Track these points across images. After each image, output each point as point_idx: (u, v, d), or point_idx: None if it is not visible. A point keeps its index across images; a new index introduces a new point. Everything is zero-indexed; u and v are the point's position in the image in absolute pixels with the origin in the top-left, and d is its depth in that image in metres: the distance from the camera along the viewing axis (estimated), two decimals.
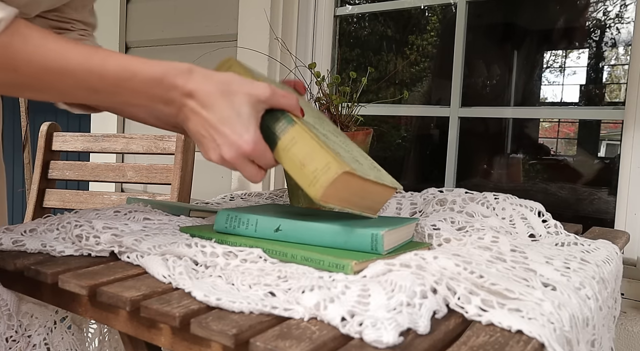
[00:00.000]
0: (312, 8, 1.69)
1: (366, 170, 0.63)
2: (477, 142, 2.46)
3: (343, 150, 0.64)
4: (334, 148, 0.60)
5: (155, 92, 0.58)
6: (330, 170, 0.57)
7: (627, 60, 2.46)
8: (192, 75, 0.58)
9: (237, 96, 0.57)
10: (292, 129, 0.61)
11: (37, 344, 0.67)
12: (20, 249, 0.67)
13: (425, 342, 0.44)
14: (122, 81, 0.57)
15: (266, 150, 0.60)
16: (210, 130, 0.59)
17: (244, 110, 0.57)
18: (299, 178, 0.60)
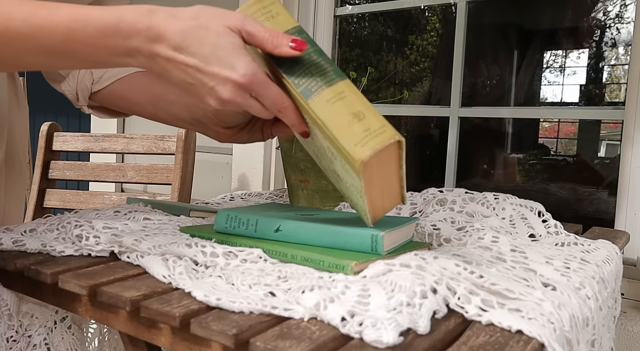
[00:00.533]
0: (312, 8, 1.69)
1: None
2: (476, 141, 2.47)
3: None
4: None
5: (114, 43, 0.50)
6: (386, 133, 0.51)
7: (627, 60, 2.46)
8: (154, 16, 0.50)
9: (211, 28, 0.49)
10: (342, 83, 0.55)
11: (37, 344, 0.67)
12: (20, 249, 0.67)
13: (425, 342, 0.44)
14: (73, 33, 0.49)
15: (268, 83, 0.52)
16: (196, 75, 0.51)
17: (224, 41, 0.49)
18: (342, 135, 0.52)
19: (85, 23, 0.49)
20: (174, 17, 0.49)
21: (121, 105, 0.83)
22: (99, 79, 0.81)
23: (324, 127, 0.54)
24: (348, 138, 0.52)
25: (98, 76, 0.81)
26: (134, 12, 0.50)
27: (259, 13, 0.57)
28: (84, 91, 0.83)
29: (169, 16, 0.49)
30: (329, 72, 0.56)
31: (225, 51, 0.49)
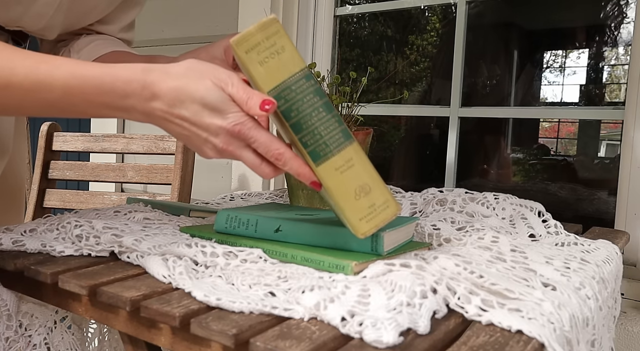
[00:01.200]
0: (312, 8, 1.69)
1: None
2: (476, 141, 2.46)
3: None
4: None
5: (111, 100, 0.52)
6: (389, 209, 0.53)
7: (627, 60, 2.46)
8: (148, 76, 0.52)
9: (200, 84, 0.51)
10: (351, 148, 0.53)
11: (37, 344, 0.67)
12: (20, 249, 0.67)
13: (425, 342, 0.44)
14: (71, 89, 0.51)
15: (258, 128, 0.53)
16: (191, 128, 0.53)
17: (214, 95, 0.51)
18: (348, 207, 0.53)
19: (83, 80, 0.51)
20: (167, 74, 0.52)
21: None
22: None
23: (331, 194, 0.54)
24: (354, 212, 0.53)
25: (76, 57, 0.84)
26: (129, 71, 0.52)
27: (263, 46, 0.54)
28: None
29: (163, 74, 0.52)
30: (338, 133, 0.54)
31: (216, 104, 0.51)
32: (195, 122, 0.52)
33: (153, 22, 1.87)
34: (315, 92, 0.54)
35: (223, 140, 0.53)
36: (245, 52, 0.54)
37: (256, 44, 0.54)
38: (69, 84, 0.51)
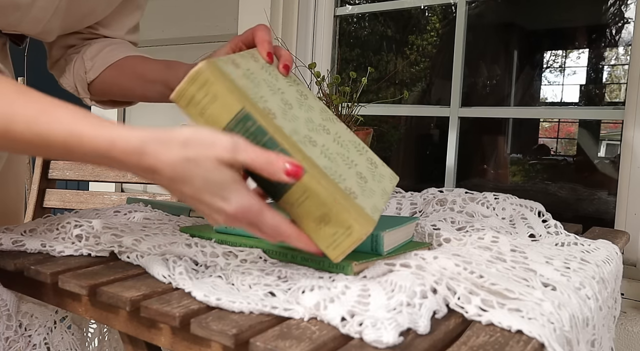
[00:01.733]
0: (312, 8, 1.69)
1: (372, 191, 0.57)
2: (476, 141, 2.47)
3: (344, 164, 0.57)
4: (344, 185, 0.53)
5: (109, 163, 0.50)
6: (352, 235, 0.51)
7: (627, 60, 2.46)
8: (143, 155, 0.48)
9: (200, 162, 0.48)
10: (302, 181, 0.51)
11: (37, 344, 0.67)
12: (20, 249, 0.67)
13: (425, 342, 0.44)
14: (70, 147, 0.50)
15: (262, 213, 0.50)
16: (192, 202, 0.51)
17: (214, 177, 0.48)
18: (314, 237, 0.53)
19: (81, 141, 0.49)
20: (164, 145, 0.48)
21: (116, 92, 0.86)
22: (92, 68, 0.85)
23: (299, 226, 0.53)
24: (320, 241, 0.52)
25: (90, 65, 0.85)
26: (125, 142, 0.48)
27: (198, 98, 0.52)
28: (81, 82, 0.86)
29: (159, 145, 0.48)
30: None
31: (216, 186, 0.49)
32: (198, 199, 0.50)
33: (153, 22, 1.87)
34: (257, 131, 0.52)
35: (226, 219, 0.51)
36: (185, 106, 0.53)
37: (191, 97, 0.52)
38: (67, 142, 0.49)
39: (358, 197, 0.54)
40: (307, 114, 0.59)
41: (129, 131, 0.48)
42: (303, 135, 0.55)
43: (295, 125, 0.56)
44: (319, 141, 0.57)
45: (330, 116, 0.64)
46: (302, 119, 0.58)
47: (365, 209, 0.53)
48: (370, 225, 0.51)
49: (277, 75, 0.62)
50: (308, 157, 0.53)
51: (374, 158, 0.64)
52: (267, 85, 0.58)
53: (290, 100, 0.59)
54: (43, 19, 0.74)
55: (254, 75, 0.58)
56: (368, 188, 0.57)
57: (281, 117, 0.55)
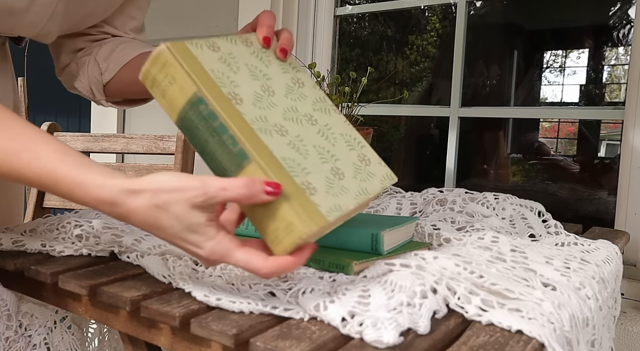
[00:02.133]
0: (312, 8, 1.69)
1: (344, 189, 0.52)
2: (476, 141, 2.47)
3: (319, 157, 0.53)
4: (303, 179, 0.50)
5: (84, 203, 0.50)
6: (293, 233, 0.47)
7: (627, 60, 2.46)
8: (116, 200, 0.48)
9: (170, 211, 0.47)
10: (250, 167, 0.49)
11: (37, 344, 0.67)
12: (20, 249, 0.67)
13: (425, 342, 0.44)
14: (46, 187, 0.50)
15: (230, 255, 0.49)
16: (169, 243, 0.51)
17: (184, 224, 0.47)
18: (260, 230, 0.50)
19: (56, 182, 0.49)
20: (134, 195, 0.47)
21: (133, 90, 0.85)
22: (107, 69, 0.83)
23: (247, 216, 0.52)
24: (264, 234, 0.50)
25: (105, 66, 0.84)
26: (97, 192, 0.48)
27: (159, 79, 0.52)
28: (97, 84, 0.85)
29: (129, 195, 0.48)
30: (234, 155, 0.50)
31: (187, 231, 0.48)
32: (173, 242, 0.50)
33: (153, 22, 1.87)
34: (208, 115, 0.50)
35: (202, 261, 0.50)
36: (150, 88, 0.53)
37: (153, 79, 0.52)
38: (43, 181, 0.50)
39: (318, 193, 0.49)
40: (293, 103, 0.57)
41: (104, 179, 0.48)
42: (273, 124, 0.53)
43: (267, 113, 0.53)
44: (293, 131, 0.54)
45: (325, 107, 0.60)
46: (281, 107, 0.55)
47: (320, 207, 0.48)
48: (316, 225, 0.47)
49: (270, 61, 0.59)
50: (263, 146, 0.50)
51: (369, 155, 0.59)
52: (248, 71, 0.56)
53: (274, 87, 0.56)
54: (39, 23, 0.73)
55: (236, 59, 0.56)
56: (340, 185, 0.52)
57: (250, 103, 0.53)
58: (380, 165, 0.59)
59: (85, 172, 0.49)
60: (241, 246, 0.49)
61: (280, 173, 0.49)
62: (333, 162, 0.54)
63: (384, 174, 0.59)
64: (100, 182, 0.48)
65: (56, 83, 0.91)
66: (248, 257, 0.49)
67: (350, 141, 0.59)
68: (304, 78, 0.61)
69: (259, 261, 0.48)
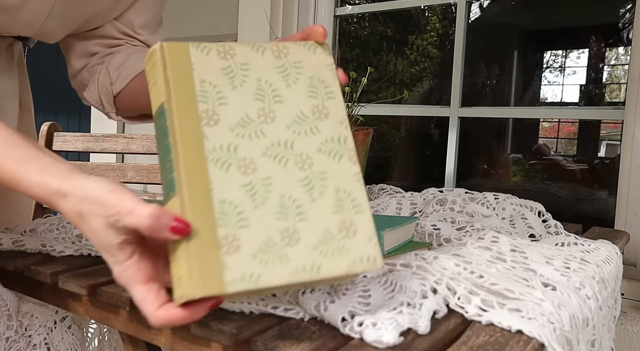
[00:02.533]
0: (312, 8, 1.69)
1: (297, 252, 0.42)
2: (476, 141, 2.47)
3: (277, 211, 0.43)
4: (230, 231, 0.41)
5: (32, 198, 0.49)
6: (179, 289, 0.41)
7: (627, 60, 2.46)
8: (50, 201, 0.46)
9: (90, 220, 0.45)
10: (174, 200, 0.43)
11: (37, 344, 0.67)
12: (20, 249, 0.67)
13: (425, 342, 0.44)
14: (11, 187, 0.48)
15: (130, 286, 0.45)
16: None
17: (100, 240, 0.45)
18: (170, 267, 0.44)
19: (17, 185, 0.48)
20: (64, 198, 0.46)
21: (144, 103, 0.73)
22: (118, 78, 0.79)
23: None
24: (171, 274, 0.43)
25: (116, 75, 0.79)
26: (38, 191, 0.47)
27: (149, 77, 0.49)
28: (106, 95, 0.80)
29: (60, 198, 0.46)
30: (167, 183, 0.44)
31: (101, 249, 0.45)
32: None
33: None
34: (164, 131, 0.45)
35: None
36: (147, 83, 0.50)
37: (147, 76, 0.49)
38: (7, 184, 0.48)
39: (238, 253, 0.40)
40: (292, 136, 0.46)
41: (41, 177, 0.46)
42: (241, 157, 0.44)
43: (243, 143, 0.45)
44: (264, 171, 0.44)
45: (339, 151, 0.47)
46: (269, 139, 0.45)
47: (227, 271, 0.40)
48: (204, 290, 0.39)
49: (298, 80, 0.49)
50: (202, 181, 0.42)
51: (360, 227, 0.44)
52: (256, 87, 0.47)
53: (279, 113, 0.47)
54: (37, 21, 0.72)
55: (247, 71, 0.48)
56: (281, 252, 0.41)
57: (228, 127, 0.45)
58: (368, 243, 0.44)
59: (24, 168, 0.47)
60: (145, 282, 0.44)
61: (203, 218, 0.41)
62: (295, 221, 0.43)
63: (365, 256, 0.43)
64: (37, 180, 0.46)
65: (56, 83, 0.91)
66: (143, 298, 0.44)
67: (344, 201, 0.45)
68: (335, 110, 0.49)
69: (151, 308, 0.43)
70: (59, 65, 0.84)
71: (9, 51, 0.81)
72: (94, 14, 0.78)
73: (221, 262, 0.40)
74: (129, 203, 0.42)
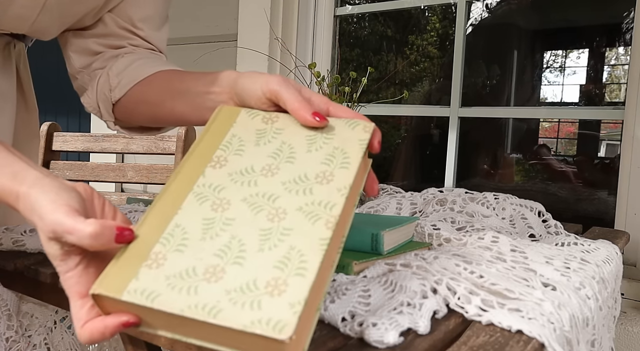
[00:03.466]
0: (312, 8, 1.69)
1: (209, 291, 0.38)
2: (476, 141, 2.47)
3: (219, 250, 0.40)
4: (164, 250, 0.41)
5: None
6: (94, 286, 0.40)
7: (627, 60, 2.46)
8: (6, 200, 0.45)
9: (37, 229, 0.44)
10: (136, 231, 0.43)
11: (37, 344, 0.67)
12: (20, 249, 0.67)
13: (425, 342, 0.44)
14: None
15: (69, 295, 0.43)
16: None
17: (45, 248, 0.43)
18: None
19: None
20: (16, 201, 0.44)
21: (142, 111, 0.74)
22: (118, 85, 0.74)
23: None
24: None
25: (116, 82, 0.75)
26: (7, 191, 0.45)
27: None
28: (105, 102, 0.77)
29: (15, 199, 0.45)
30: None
31: (49, 257, 0.44)
32: None
33: None
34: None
35: None
36: None
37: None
38: None
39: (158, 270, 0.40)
40: (282, 193, 0.45)
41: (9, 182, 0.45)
42: (221, 197, 0.45)
43: (232, 187, 0.46)
44: (232, 214, 0.43)
45: (316, 212, 0.43)
46: (258, 190, 0.45)
47: (134, 280, 0.39)
48: (100, 287, 0.39)
49: (321, 148, 0.48)
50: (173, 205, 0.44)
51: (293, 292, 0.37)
52: (277, 147, 0.49)
53: (282, 171, 0.47)
54: (29, 17, 0.70)
55: (279, 135, 0.50)
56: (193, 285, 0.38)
57: (228, 172, 0.47)
58: (289, 309, 0.36)
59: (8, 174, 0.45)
60: (81, 296, 0.42)
61: (151, 232, 0.42)
62: (228, 262, 0.40)
63: (275, 320, 0.35)
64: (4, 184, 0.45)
65: (56, 83, 0.91)
66: (75, 312, 0.42)
67: (291, 260, 0.39)
68: (340, 178, 0.46)
69: (77, 324, 0.42)
70: (59, 65, 0.83)
71: (5, 51, 0.81)
72: (91, 7, 0.75)
73: (136, 272, 0.40)
74: (68, 222, 0.40)
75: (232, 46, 1.68)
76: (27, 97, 0.90)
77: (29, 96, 0.91)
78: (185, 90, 0.67)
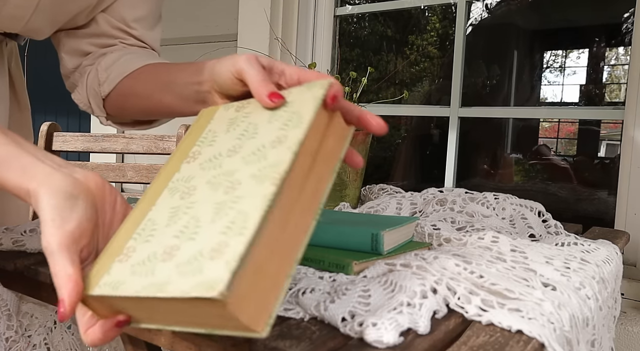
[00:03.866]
0: (312, 8, 1.69)
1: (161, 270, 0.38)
2: (476, 141, 2.47)
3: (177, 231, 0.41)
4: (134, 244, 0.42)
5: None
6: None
7: (627, 60, 2.46)
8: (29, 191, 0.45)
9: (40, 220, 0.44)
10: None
11: (37, 344, 0.67)
12: (20, 249, 0.67)
13: (425, 342, 0.44)
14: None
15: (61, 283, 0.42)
16: None
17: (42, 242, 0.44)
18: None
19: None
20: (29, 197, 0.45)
21: (132, 104, 0.74)
22: (106, 79, 0.75)
23: None
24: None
25: (104, 76, 0.75)
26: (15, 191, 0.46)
27: None
28: (95, 97, 0.77)
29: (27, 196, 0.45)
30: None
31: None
32: None
33: None
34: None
35: None
36: None
37: None
38: None
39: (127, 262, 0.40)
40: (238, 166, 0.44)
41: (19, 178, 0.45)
42: (190, 185, 0.46)
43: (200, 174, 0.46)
44: (195, 197, 0.44)
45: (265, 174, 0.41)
46: (221, 170, 0.45)
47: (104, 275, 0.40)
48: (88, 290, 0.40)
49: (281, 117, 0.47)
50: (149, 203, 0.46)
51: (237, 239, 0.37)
52: (243, 130, 0.48)
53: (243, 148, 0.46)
54: (22, 17, 0.70)
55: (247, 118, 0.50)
56: (152, 267, 0.39)
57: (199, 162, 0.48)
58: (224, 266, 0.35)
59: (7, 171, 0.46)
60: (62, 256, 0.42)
61: (127, 230, 0.44)
62: (184, 240, 0.40)
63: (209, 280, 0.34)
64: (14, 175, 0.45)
65: (56, 83, 0.90)
66: (79, 317, 0.43)
67: (236, 223, 0.38)
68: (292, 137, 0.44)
69: (82, 329, 0.43)
70: (59, 66, 0.83)
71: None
72: (84, 7, 0.75)
73: (109, 267, 0.41)
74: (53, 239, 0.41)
75: (232, 46, 1.68)
76: (20, 96, 0.90)
77: (22, 95, 0.91)
78: (171, 82, 0.67)
